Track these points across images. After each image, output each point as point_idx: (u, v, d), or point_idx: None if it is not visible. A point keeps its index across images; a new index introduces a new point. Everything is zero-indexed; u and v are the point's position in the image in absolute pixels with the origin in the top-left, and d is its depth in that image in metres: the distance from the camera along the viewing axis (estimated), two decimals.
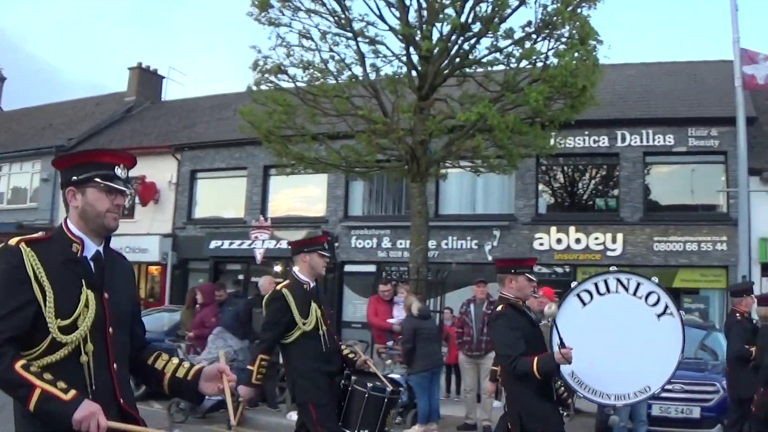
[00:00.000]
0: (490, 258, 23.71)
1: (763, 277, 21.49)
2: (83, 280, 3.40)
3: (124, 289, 3.67)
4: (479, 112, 15.26)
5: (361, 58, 17.32)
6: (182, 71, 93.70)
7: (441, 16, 16.50)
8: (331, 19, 17.31)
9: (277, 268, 24.19)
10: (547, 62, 16.29)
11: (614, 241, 22.99)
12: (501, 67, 17.19)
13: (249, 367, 6.96)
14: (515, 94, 16.30)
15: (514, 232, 24.08)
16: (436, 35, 16.85)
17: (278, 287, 6.99)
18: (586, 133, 23.56)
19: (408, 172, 17.19)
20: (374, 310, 14.65)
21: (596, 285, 6.67)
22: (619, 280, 6.65)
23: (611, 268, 6.85)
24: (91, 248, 3.50)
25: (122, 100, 36.49)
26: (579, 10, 16.30)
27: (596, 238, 23.15)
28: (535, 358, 6.04)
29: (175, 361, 3.86)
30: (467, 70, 17.47)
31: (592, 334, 6.32)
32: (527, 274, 6.64)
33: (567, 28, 16.34)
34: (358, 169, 19.04)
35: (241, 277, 27.03)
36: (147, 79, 37.05)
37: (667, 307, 6.53)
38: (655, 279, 6.65)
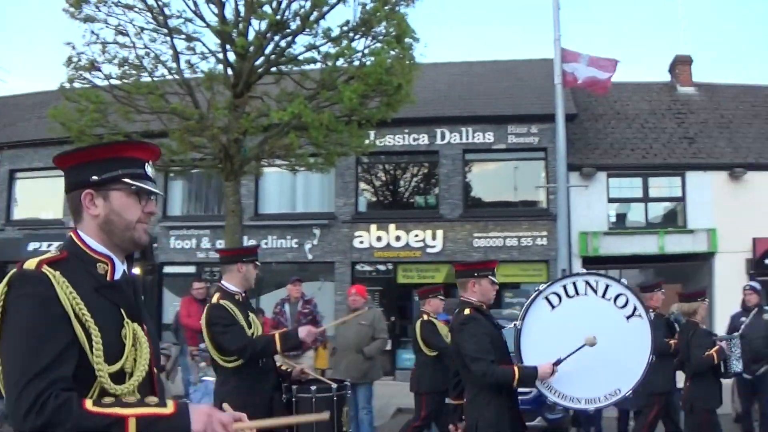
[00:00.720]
0: (310, 257, 23.84)
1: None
2: (123, 311, 2.75)
3: (149, 315, 3.05)
4: (293, 112, 15.21)
5: (176, 54, 17.01)
6: (4, 68, 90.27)
7: (258, 12, 16.35)
8: (148, 15, 16.93)
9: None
10: (363, 60, 16.38)
11: (434, 237, 23.43)
12: (318, 65, 17.20)
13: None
14: (331, 92, 16.32)
15: (334, 230, 24.16)
16: (252, 33, 16.74)
17: (213, 301, 6.43)
18: (406, 131, 23.92)
19: (222, 171, 16.99)
20: (187, 311, 14.41)
21: (565, 287, 6.54)
22: (587, 283, 6.55)
23: (580, 270, 6.80)
24: (119, 268, 2.86)
25: None
26: (397, 8, 16.47)
27: (416, 235, 23.52)
28: (516, 370, 5.99)
29: None
30: (283, 68, 17.39)
31: (561, 338, 6.20)
32: (490, 277, 6.47)
33: (384, 25, 16.48)
34: (174, 168, 18.68)
35: None
36: None
37: (635, 308, 6.51)
38: (624, 281, 6.64)
